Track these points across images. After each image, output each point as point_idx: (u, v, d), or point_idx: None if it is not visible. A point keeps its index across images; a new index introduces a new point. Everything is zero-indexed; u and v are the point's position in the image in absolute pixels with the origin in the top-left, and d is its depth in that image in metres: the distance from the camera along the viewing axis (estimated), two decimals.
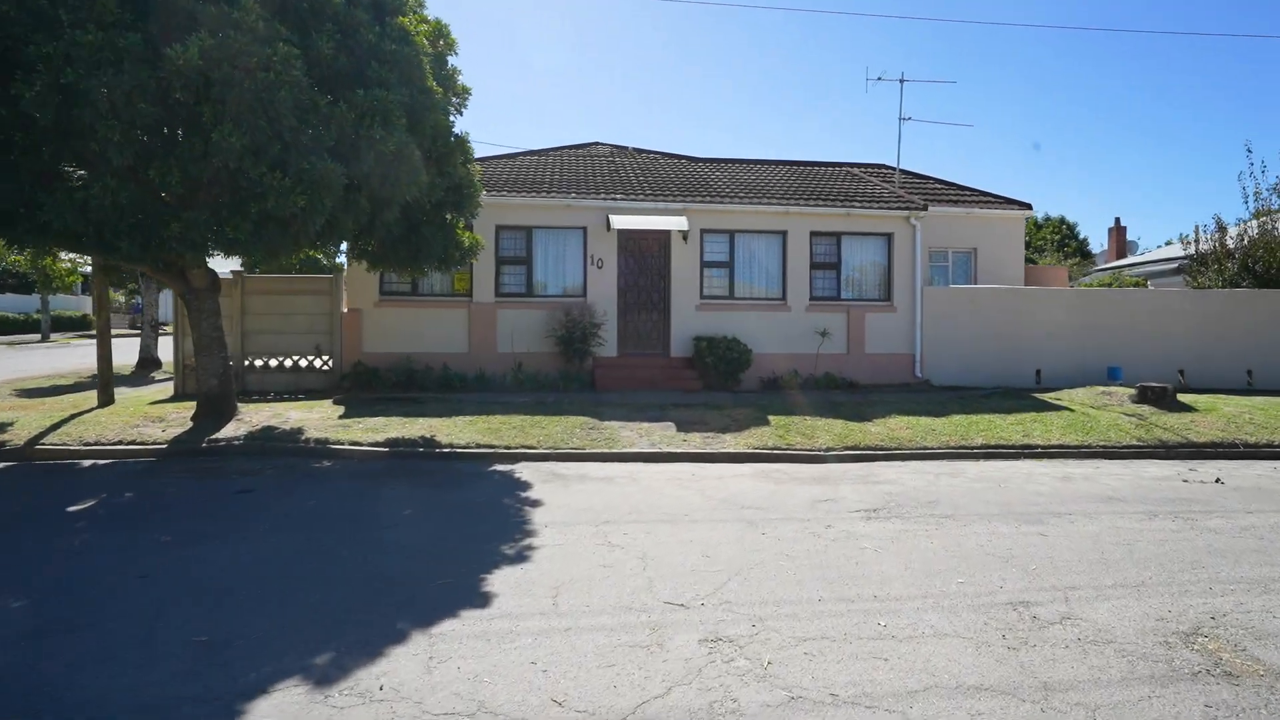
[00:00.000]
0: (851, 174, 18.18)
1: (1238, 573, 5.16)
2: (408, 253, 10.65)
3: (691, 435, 10.65)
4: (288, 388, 14.30)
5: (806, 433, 10.77)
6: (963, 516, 6.72)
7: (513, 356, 14.46)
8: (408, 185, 8.69)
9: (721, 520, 6.58)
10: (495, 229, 14.79)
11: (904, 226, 15.45)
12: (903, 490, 7.84)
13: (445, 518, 6.66)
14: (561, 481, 8.17)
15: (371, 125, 8.02)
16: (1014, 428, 11.18)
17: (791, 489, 7.90)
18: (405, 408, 11.90)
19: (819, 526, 6.36)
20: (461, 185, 10.67)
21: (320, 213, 7.85)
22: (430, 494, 7.56)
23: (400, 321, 14.57)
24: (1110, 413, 12.19)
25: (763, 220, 15.23)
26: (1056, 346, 15.66)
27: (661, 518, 6.64)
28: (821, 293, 15.49)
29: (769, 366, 14.90)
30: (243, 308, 14.30)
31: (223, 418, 10.93)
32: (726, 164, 18.61)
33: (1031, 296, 15.83)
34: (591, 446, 10.13)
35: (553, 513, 6.79)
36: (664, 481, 8.24)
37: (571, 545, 5.80)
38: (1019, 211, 17.85)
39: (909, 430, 11.01)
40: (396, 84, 8.46)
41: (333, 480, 8.24)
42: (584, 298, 14.88)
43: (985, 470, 9.11)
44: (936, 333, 15.47)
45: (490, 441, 10.10)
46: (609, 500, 7.29)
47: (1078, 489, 7.97)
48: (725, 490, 7.81)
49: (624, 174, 16.77)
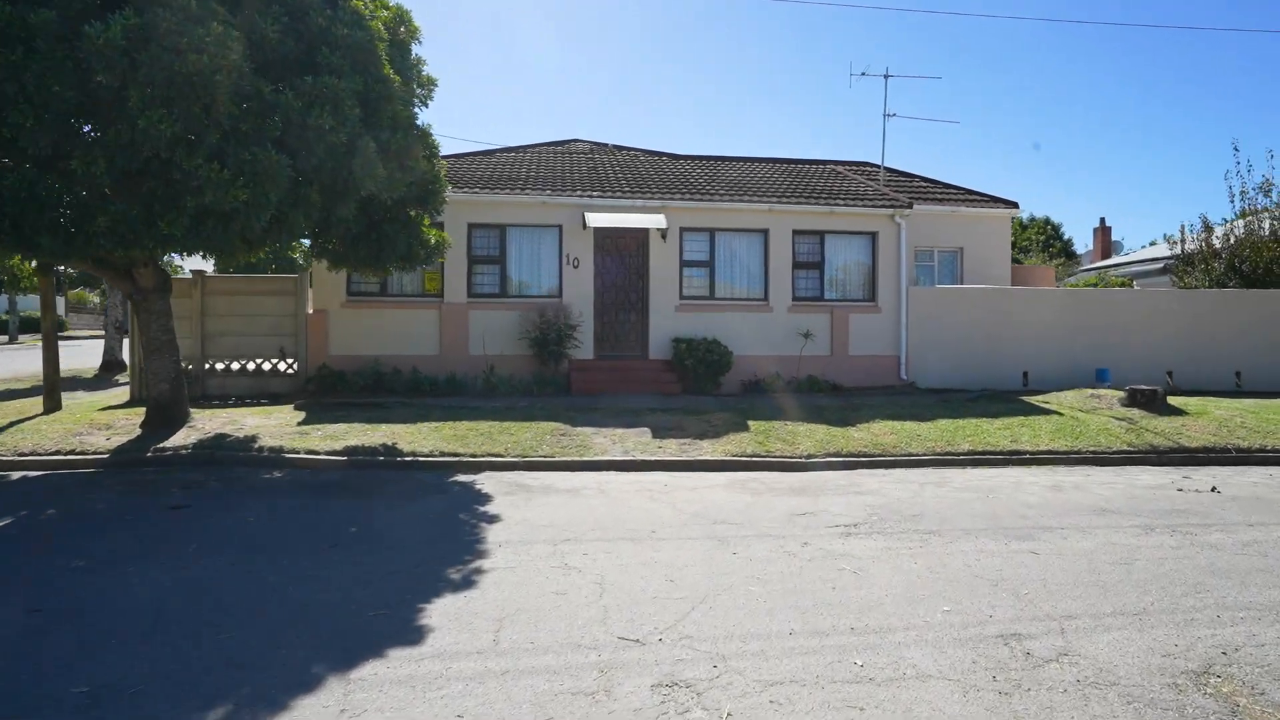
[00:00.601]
0: (836, 171, 17.80)
1: (1245, 597, 4.76)
2: (369, 251, 10.12)
3: (667, 442, 10.19)
4: (250, 392, 13.72)
5: (787, 439, 10.34)
6: (948, 532, 6.29)
7: (485, 359, 13.94)
8: (363, 179, 8.17)
9: (691, 538, 6.11)
10: (467, 227, 14.28)
11: (888, 225, 15.07)
12: (886, 502, 7.41)
13: (393, 536, 6.16)
14: (525, 494, 7.68)
15: (321, 114, 7.50)
16: (1001, 433, 10.80)
17: (769, 501, 7.45)
18: (369, 413, 11.36)
19: (795, 544, 5.91)
20: (426, 180, 10.16)
21: (264, 207, 7.32)
22: (382, 508, 7.05)
23: (368, 323, 14.02)
24: (1099, 416, 11.85)
25: (744, 218, 14.80)
26: (1044, 348, 15.34)
27: (626, 535, 6.17)
28: (804, 293, 15.08)
29: (750, 369, 14.46)
30: (203, 308, 13.70)
31: (173, 425, 10.35)
32: (708, 161, 18.17)
33: (1018, 297, 15.50)
34: (562, 454, 9.65)
35: (510, 529, 6.31)
36: (634, 493, 7.77)
37: (525, 568, 5.31)
38: (1005, 210, 17.54)
39: (893, 436, 10.60)
40: (349, 71, 7.95)
41: (280, 493, 7.71)
42: (559, 298, 14.39)
43: (972, 479, 8.71)
44: (922, 334, 15.10)
45: (455, 449, 9.60)
46: (573, 515, 6.81)
47: (1069, 500, 7.57)
48: (698, 502, 7.35)
49: (602, 171, 16.29)
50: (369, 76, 8.16)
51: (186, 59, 6.28)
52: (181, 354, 13.75)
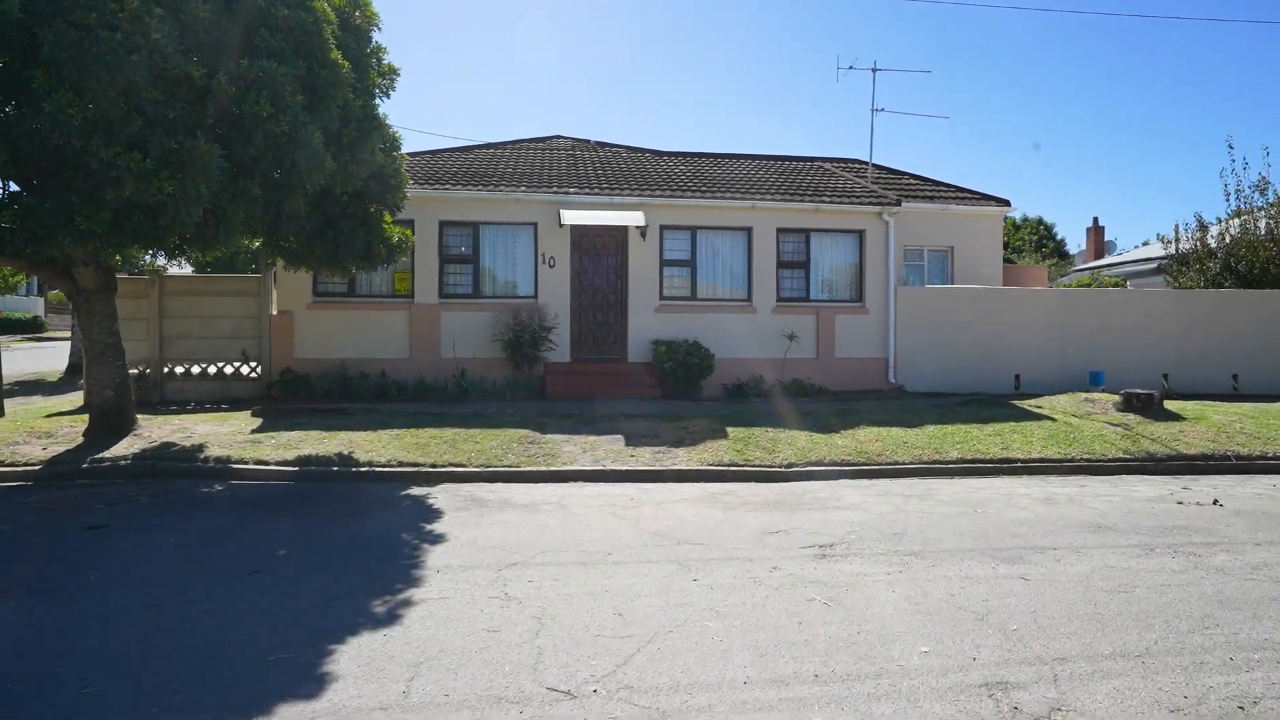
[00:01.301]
0: (824, 168, 17.30)
1: (1259, 633, 4.25)
2: (325, 250, 9.56)
3: (641, 450, 9.67)
4: (211, 396, 13.15)
5: (767, 446, 9.83)
6: (932, 554, 5.77)
7: (457, 362, 13.39)
8: (308, 172, 7.62)
9: (650, 561, 5.58)
10: (439, 225, 13.72)
11: (876, 223, 14.58)
12: (866, 518, 6.89)
13: (324, 560, 5.61)
14: (479, 509, 7.14)
15: (258, 101, 6.94)
16: (992, 439, 10.31)
17: (741, 517, 6.93)
18: (329, 420, 10.80)
19: (763, 569, 5.39)
20: (385, 175, 9.61)
21: (195, 201, 6.76)
22: (320, 527, 6.50)
23: (335, 324, 13.44)
24: (1094, 422, 11.37)
25: (726, 216, 14.28)
26: (1036, 350, 14.86)
27: (579, 558, 5.64)
28: (789, 293, 14.57)
29: (733, 372, 13.94)
30: (161, 309, 13.12)
31: (118, 433, 9.77)
32: (692, 158, 17.65)
33: (1010, 297, 15.03)
34: (528, 464, 9.12)
35: (454, 552, 5.77)
36: (597, 508, 7.24)
37: (459, 598, 4.77)
38: (997, 208, 17.07)
39: (879, 443, 10.10)
40: (291, 56, 7.39)
41: (215, 509, 7.15)
42: (535, 299, 13.85)
43: (960, 490, 8.21)
44: (911, 336, 14.61)
45: (414, 459, 9.06)
46: (526, 534, 6.27)
47: (1063, 514, 7.07)
48: (664, 519, 6.82)
49: (582, 168, 15.76)
50: (314, 62, 7.60)
51: (97, 37, 5.72)
52: (139, 357, 13.26)
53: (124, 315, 13.17)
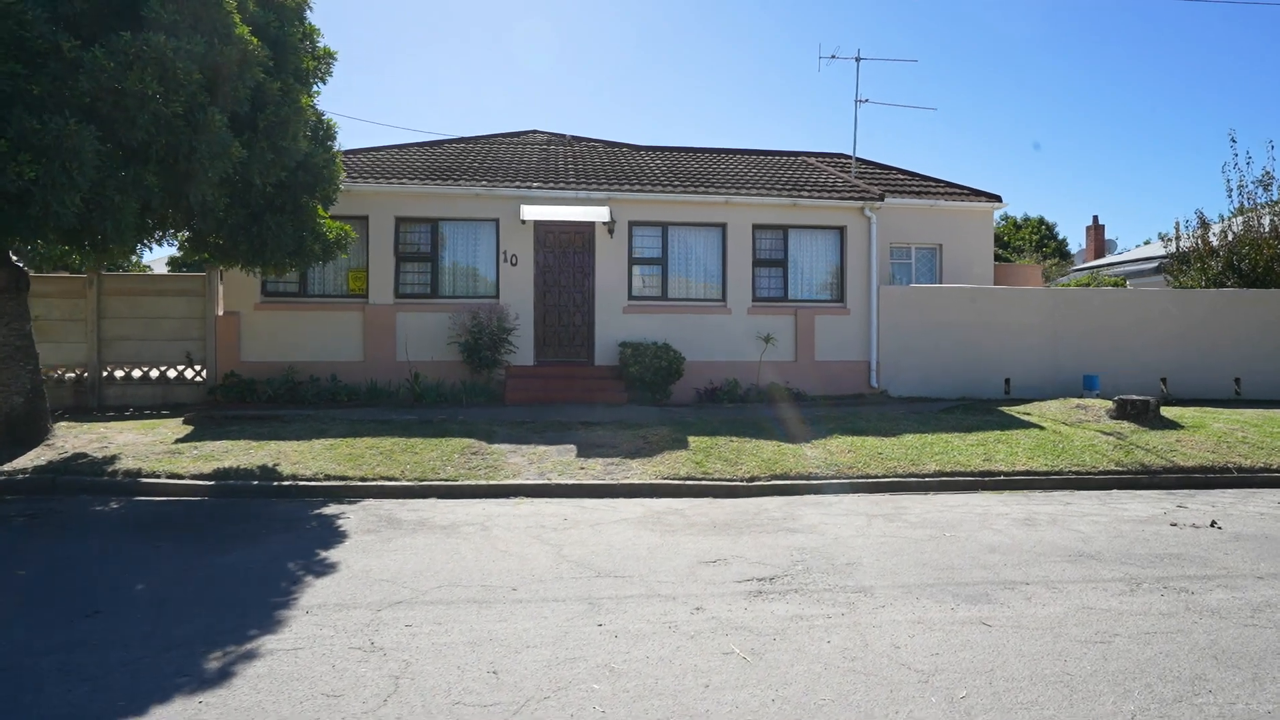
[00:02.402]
0: (807, 163, 16.57)
1: (1261, 703, 3.50)
2: (249, 245, 8.85)
3: (592, 462, 8.95)
4: (153, 402, 12.45)
5: (730, 458, 9.10)
6: (885, 590, 5.03)
7: (412, 366, 12.67)
8: (211, 159, 6.90)
9: (557, 598, 4.85)
10: (395, 221, 13.01)
11: (858, 219, 13.83)
12: (820, 544, 6.15)
13: (185, 597, 4.89)
14: (389, 532, 6.41)
15: (142, 78, 6.22)
16: (974, 449, 9.56)
17: (679, 543, 6.19)
18: (264, 428, 10.09)
19: (684, 610, 4.65)
20: (314, 165, 8.89)
21: (70, 188, 6.05)
22: (203, 554, 5.78)
23: (284, 326, 12.74)
24: (1085, 431, 10.61)
25: (699, 211, 13.55)
26: (1028, 353, 14.11)
27: (477, 595, 4.91)
28: (766, 293, 13.83)
29: (706, 375, 13.21)
30: (99, 310, 12.43)
31: (27, 443, 9.07)
32: (669, 152, 16.93)
33: (999, 297, 14.26)
34: (467, 477, 8.40)
35: (337, 586, 5.04)
36: (522, 530, 6.51)
37: (315, 650, 4.05)
38: (988, 204, 16.31)
39: (851, 454, 9.36)
40: (187, 29, 6.68)
41: (93, 532, 6.43)
42: (497, 299, 13.13)
43: (933, 509, 7.46)
44: (894, 338, 13.86)
45: (343, 472, 8.35)
46: (430, 563, 5.54)
47: (1042, 539, 6.32)
48: (593, 544, 6.09)
49: (553, 162, 15.04)
50: (216, 36, 6.88)
51: None
52: (76, 360, 12.58)
53: (60, 316, 12.56)
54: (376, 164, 13.91)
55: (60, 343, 12.33)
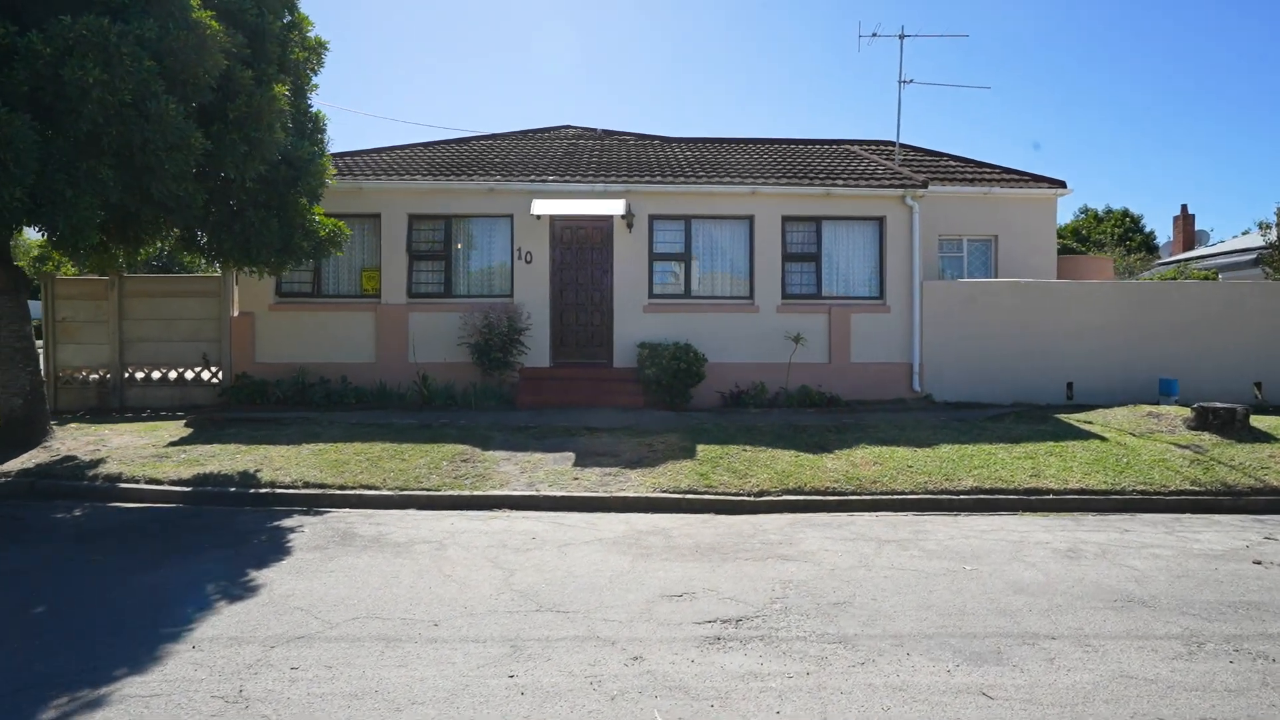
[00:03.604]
0: (849, 151, 15.44)
1: None
2: (233, 242, 8.54)
3: (588, 472, 8.27)
4: (170, 403, 12.44)
5: (739, 469, 8.28)
6: (870, 641, 4.16)
7: (422, 368, 12.28)
8: (167, 150, 6.55)
9: (478, 639, 4.18)
10: (408, 219, 12.65)
11: (899, 208, 12.70)
12: (812, 576, 5.29)
13: (78, 620, 4.44)
14: (338, 549, 5.88)
15: (82, 65, 5.88)
16: (1021, 463, 8.44)
17: (649, 570, 5.44)
18: (260, 431, 9.81)
19: (619, 660, 3.91)
20: (296, 158, 8.51)
21: (7, 181, 5.75)
22: (131, 569, 5.37)
23: (297, 327, 12.53)
24: (1156, 443, 9.29)
25: (724, 203, 12.69)
26: (1094, 354, 12.67)
27: (393, 630, 4.29)
28: (797, 289, 12.85)
29: (731, 378, 12.35)
30: (121, 311, 12.48)
31: (25, 445, 9.02)
32: (700, 143, 16.10)
33: (1061, 292, 12.87)
34: (451, 487, 7.86)
35: (242, 615, 4.51)
36: (481, 550, 5.88)
37: (169, 699, 3.49)
38: (1049, 190, 14.84)
39: (877, 466, 8.39)
40: (138, 13, 6.33)
41: (39, 542, 6.13)
42: (511, 298, 12.60)
43: (959, 533, 6.46)
44: (939, 337, 12.66)
45: (324, 479, 7.93)
46: (358, 588, 4.97)
47: (1084, 577, 5.28)
48: (552, 570, 5.40)
49: (577, 155, 14.44)
50: (170, 21, 6.52)
51: None
52: (99, 362, 12.71)
53: (85, 317, 12.70)
54: (397, 161, 13.60)
55: (84, 344, 12.46)
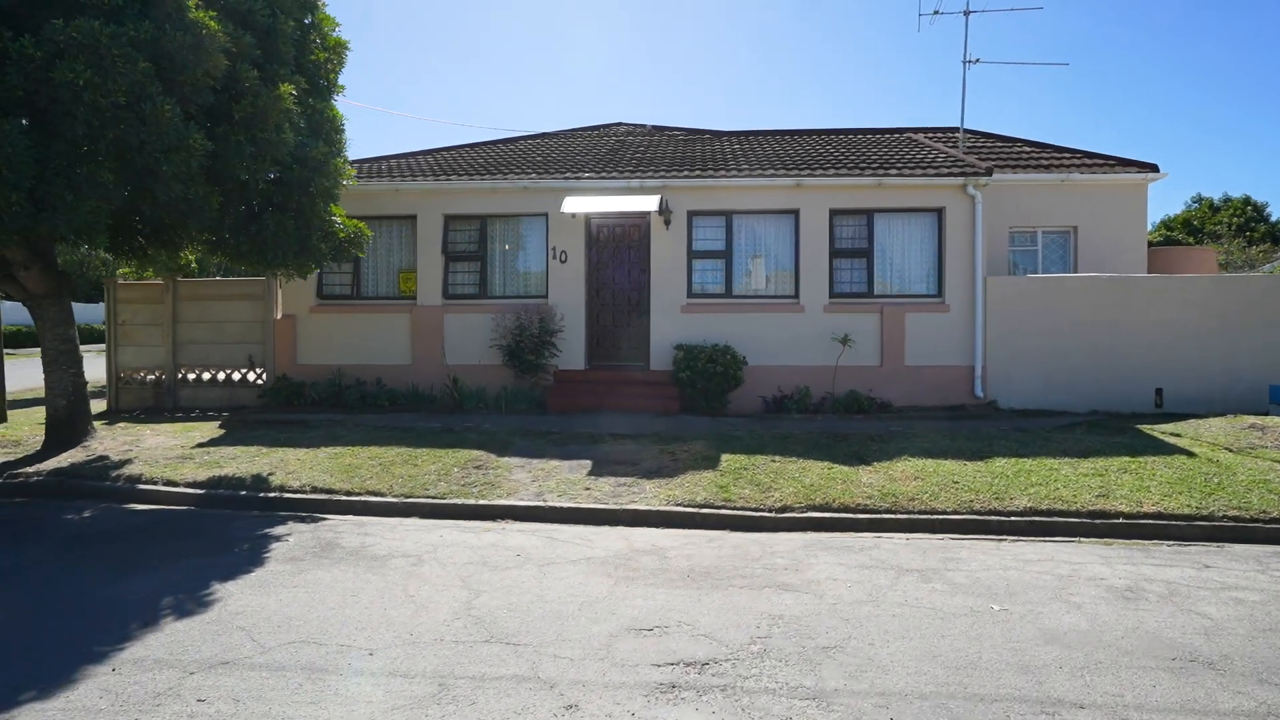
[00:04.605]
0: (911, 139, 14.41)
1: None
2: (250, 245, 8.55)
3: (601, 482, 7.83)
4: (218, 403, 12.78)
5: (763, 482, 7.64)
6: (848, 700, 3.51)
7: (455, 370, 12.14)
8: (164, 152, 6.51)
9: (408, 673, 3.78)
10: (444, 219, 12.55)
11: (959, 198, 11.66)
12: (808, 611, 4.64)
13: (20, 633, 4.32)
14: (312, 561, 5.64)
15: (72, 68, 5.88)
16: (1087, 481, 7.44)
17: (627, 596, 4.92)
18: (285, 433, 9.85)
19: (548, 710, 3.42)
20: (310, 158, 8.43)
21: (7, 186, 5.79)
22: (96, 578, 5.27)
23: (337, 329, 12.64)
24: (1258, 460, 8.05)
25: (766, 197, 11.98)
26: (1189, 357, 11.27)
27: (323, 657, 3.95)
28: (846, 287, 12.00)
29: (773, 382, 11.64)
30: (175, 315, 12.92)
31: (68, 444, 9.33)
32: (751, 136, 15.40)
33: (1149, 287, 11.50)
34: (456, 495, 7.57)
35: (180, 634, 4.28)
36: (456, 568, 5.51)
37: None
38: (1138, 175, 13.36)
39: (918, 482, 7.57)
40: (134, 15, 6.31)
41: (36, 544, 6.15)
42: (545, 299, 12.30)
43: (996, 564, 5.63)
44: (1006, 338, 11.54)
45: (332, 484, 7.80)
46: (312, 607, 4.67)
47: (1140, 624, 4.41)
48: (522, 592, 4.97)
49: (622, 152, 14.03)
50: (167, 23, 6.47)
51: None
52: (155, 363, 13.20)
53: (143, 321, 13.21)
54: (440, 162, 13.56)
55: (143, 346, 12.96)
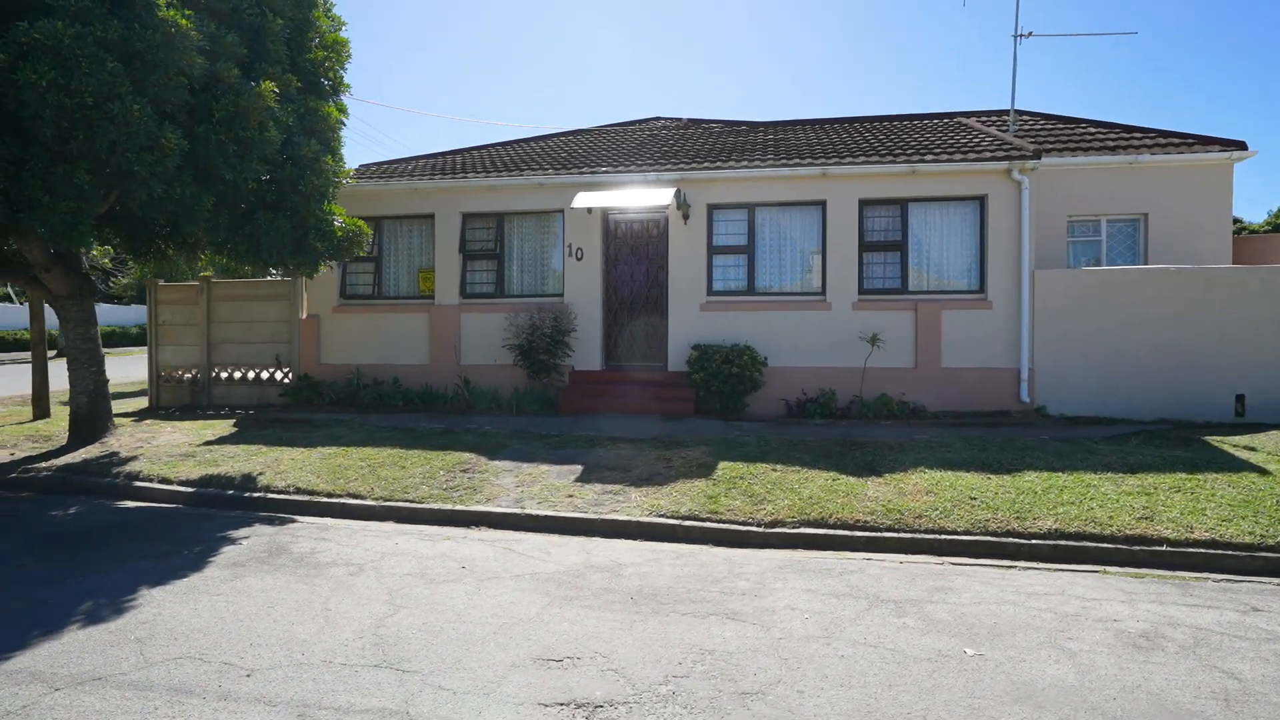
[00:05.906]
0: (960, 123, 13.37)
1: None
2: (244, 245, 8.54)
3: (587, 489, 7.42)
4: (247, 401, 13.04)
5: (758, 493, 7.06)
6: None
7: (468, 370, 11.96)
8: (136, 152, 6.49)
9: (277, 700, 3.46)
10: (461, 218, 12.41)
11: (1004, 185, 10.65)
12: (746, 646, 4.08)
13: None
14: (254, 566, 5.44)
15: (37, 69, 5.89)
16: (1130, 500, 6.53)
17: (556, 618, 4.47)
18: (289, 432, 9.86)
19: None
20: (302, 157, 8.34)
21: None
22: (38, 579, 5.21)
23: (358, 329, 12.68)
24: None
25: (791, 188, 11.28)
26: (1276, 359, 9.93)
27: (202, 677, 3.68)
28: (877, 283, 11.16)
29: (798, 384, 10.94)
30: (208, 315, 13.27)
31: (87, 440, 9.61)
32: (786, 126, 14.68)
33: (1228, 280, 10.18)
34: (436, 499, 7.32)
35: (74, 645, 4.10)
36: (393, 578, 5.20)
37: None
38: (1221, 155, 11.94)
39: (930, 496, 6.83)
40: (101, 14, 6.29)
41: (4, 540, 6.22)
42: (562, 297, 11.98)
43: (992, 597, 4.90)
44: (1057, 337, 10.47)
45: (315, 485, 7.69)
46: (229, 618, 4.44)
47: (1145, 681, 3.65)
48: (443, 609, 4.60)
49: (651, 146, 13.59)
50: (139, 22, 6.44)
51: None
52: (190, 363, 13.61)
53: (180, 321, 13.62)
54: (466, 161, 13.47)
55: (181, 345, 13.37)
